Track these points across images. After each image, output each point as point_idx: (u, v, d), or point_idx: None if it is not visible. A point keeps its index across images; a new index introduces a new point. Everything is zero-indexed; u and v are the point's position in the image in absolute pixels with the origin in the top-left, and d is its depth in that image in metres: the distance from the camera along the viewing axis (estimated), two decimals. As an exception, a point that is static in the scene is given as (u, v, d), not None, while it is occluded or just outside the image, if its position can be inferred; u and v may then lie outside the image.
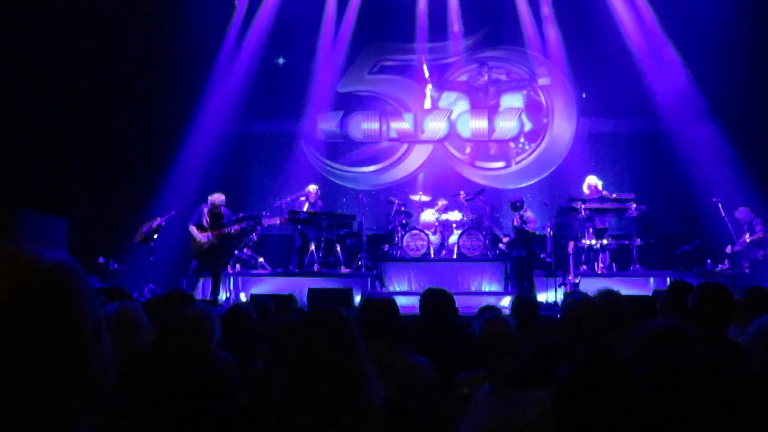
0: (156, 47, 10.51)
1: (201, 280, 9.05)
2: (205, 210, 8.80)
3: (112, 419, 1.97)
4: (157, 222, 8.86)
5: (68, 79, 10.03)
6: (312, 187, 10.19)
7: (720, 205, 8.73)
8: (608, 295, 3.37)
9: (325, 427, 1.89)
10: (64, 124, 10.10)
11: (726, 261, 9.13)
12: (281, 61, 12.15)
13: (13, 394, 0.71)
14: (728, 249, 9.15)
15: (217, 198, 8.86)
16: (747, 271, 8.77)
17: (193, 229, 8.71)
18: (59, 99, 9.94)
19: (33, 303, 0.73)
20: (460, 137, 12.20)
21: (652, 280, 9.23)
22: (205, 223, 8.75)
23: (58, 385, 0.74)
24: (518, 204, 9.39)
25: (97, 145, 10.47)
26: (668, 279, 9.05)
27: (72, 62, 10.06)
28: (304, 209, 9.90)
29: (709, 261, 9.26)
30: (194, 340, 2.30)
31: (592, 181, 9.85)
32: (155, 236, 8.83)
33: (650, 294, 7.89)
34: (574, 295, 5.09)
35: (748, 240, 8.85)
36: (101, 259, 9.43)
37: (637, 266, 9.44)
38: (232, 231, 8.87)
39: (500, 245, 9.80)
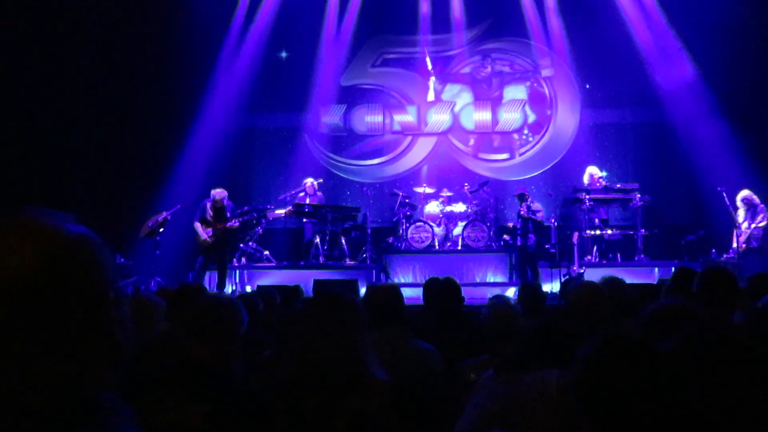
0: (160, 42, 10.54)
1: (207, 274, 9.10)
2: (208, 205, 8.85)
3: (144, 394, 2.03)
4: (162, 216, 8.90)
5: (73, 75, 10.07)
6: (309, 181, 10.21)
7: (725, 195, 8.69)
8: (612, 281, 3.40)
9: (330, 408, 1.93)
10: (69, 119, 10.15)
11: (731, 250, 9.11)
12: (284, 55, 12.15)
13: (39, 360, 0.74)
14: (737, 242, 8.97)
15: (219, 193, 8.90)
16: (736, 260, 8.72)
17: (197, 227, 8.77)
18: (64, 94, 9.98)
19: (57, 273, 0.76)
20: (464, 129, 12.20)
21: (656, 270, 9.23)
22: (208, 217, 8.80)
23: (81, 352, 0.77)
24: (525, 195, 9.42)
25: (102, 140, 10.52)
26: (673, 269, 9.05)
27: (76, 58, 10.10)
28: (307, 202, 9.95)
29: (714, 251, 9.24)
30: (228, 325, 2.35)
31: (592, 170, 9.87)
32: (161, 230, 8.88)
33: (655, 283, 7.92)
34: (574, 281, 5.12)
35: (753, 226, 8.73)
36: (107, 254, 9.47)
37: (642, 256, 9.44)
38: (235, 225, 8.92)
39: (505, 236, 9.82)
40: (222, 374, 2.25)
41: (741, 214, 8.86)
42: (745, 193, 8.92)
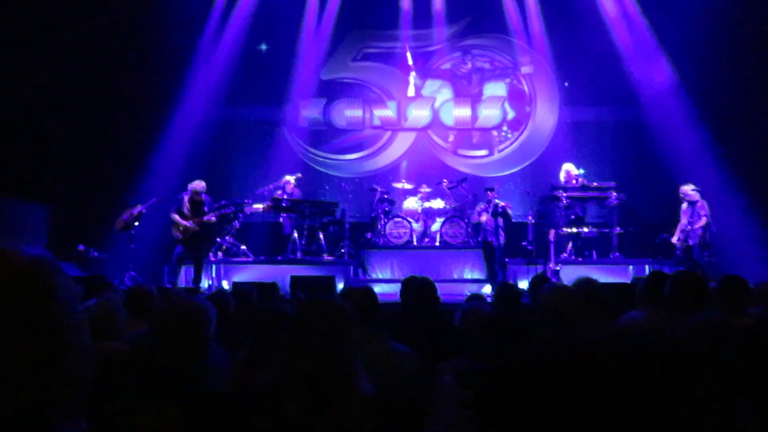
0: (137, 33, 10.39)
1: (183, 268, 9.01)
2: (186, 198, 8.75)
3: (116, 399, 2.00)
4: (138, 209, 8.78)
5: (48, 65, 9.87)
6: (288, 177, 10.15)
7: (699, 195, 8.83)
8: (585, 283, 3.42)
9: (311, 416, 1.91)
10: (44, 110, 9.95)
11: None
12: (264, 47, 12.04)
13: None
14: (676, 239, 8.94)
15: (198, 185, 8.81)
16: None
17: (175, 216, 8.67)
18: (39, 85, 9.78)
19: (10, 299, 0.74)
20: (444, 125, 12.22)
21: (631, 267, 9.36)
22: (186, 210, 8.70)
23: (35, 380, 0.75)
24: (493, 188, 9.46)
25: (77, 132, 10.36)
26: (647, 267, 9.19)
27: (52, 48, 9.90)
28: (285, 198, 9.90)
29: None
30: (193, 328, 2.33)
31: (568, 167, 9.96)
32: (136, 224, 8.76)
33: (629, 281, 8.02)
34: (546, 284, 5.15)
35: (697, 227, 8.68)
36: (81, 247, 9.34)
37: (617, 254, 9.56)
38: (213, 219, 8.83)
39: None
40: (194, 377, 2.23)
41: (682, 209, 8.91)
42: (684, 187, 8.93)
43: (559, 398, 0.94)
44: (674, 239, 8.94)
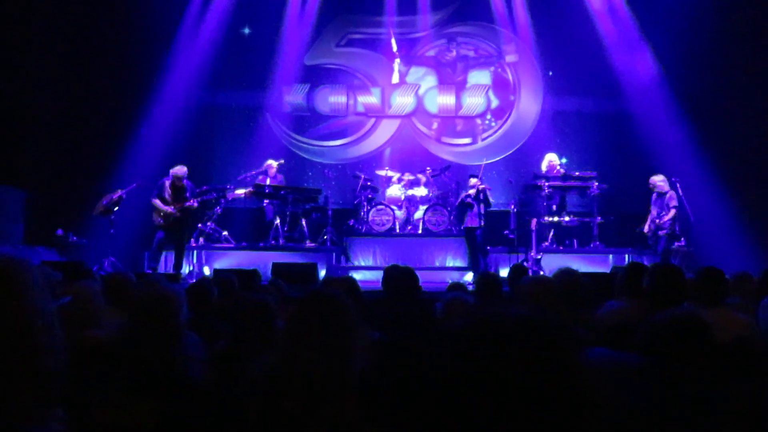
0: (118, 15, 10.20)
1: (164, 254, 8.94)
2: (167, 183, 8.65)
3: (90, 392, 1.98)
4: (118, 194, 8.66)
5: (26, 49, 9.67)
6: (271, 163, 10.08)
7: (678, 185, 8.91)
8: (565, 274, 3.45)
9: (307, 414, 1.88)
10: (21, 93, 9.76)
11: (683, 238, 9.35)
12: (247, 31, 11.91)
13: None
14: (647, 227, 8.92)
15: (179, 170, 8.71)
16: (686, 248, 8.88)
17: (157, 202, 8.57)
18: (16, 68, 9.58)
19: None
20: (428, 113, 12.20)
21: (611, 257, 9.47)
22: (167, 196, 8.60)
23: (8, 380, 0.73)
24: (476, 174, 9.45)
25: (56, 115, 10.18)
26: (627, 256, 9.30)
27: (30, 31, 9.70)
28: (267, 183, 9.84)
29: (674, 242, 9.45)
30: (164, 318, 2.31)
31: (551, 157, 10.01)
32: (116, 209, 8.65)
33: (609, 271, 8.12)
34: (521, 269, 5.19)
35: (666, 219, 8.69)
36: (60, 232, 9.21)
37: (597, 243, 9.66)
38: (195, 205, 8.75)
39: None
40: (169, 367, 2.21)
41: (652, 199, 8.98)
42: (653, 178, 8.94)
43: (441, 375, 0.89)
44: (645, 229, 9.00)
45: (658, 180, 8.87)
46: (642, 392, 1.70)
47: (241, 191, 9.77)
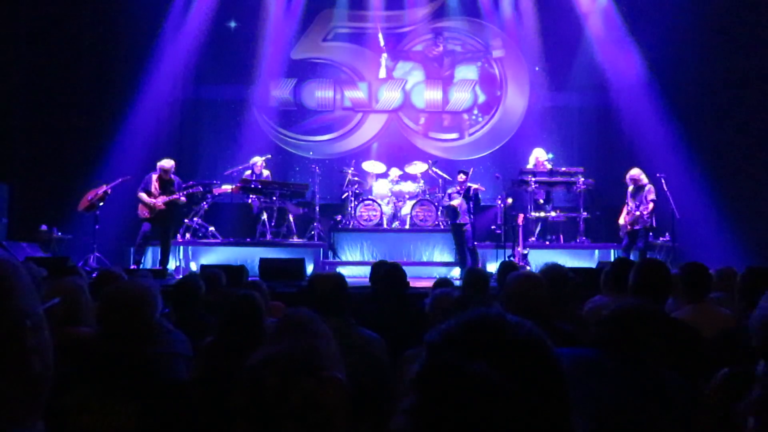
0: (103, 8, 10.08)
1: (150, 249, 8.88)
2: (154, 177, 8.58)
3: (66, 395, 1.96)
4: (103, 189, 8.59)
5: (10, 42, 9.54)
6: (257, 158, 10.03)
7: (663, 181, 8.97)
8: (552, 269, 3.47)
9: (287, 387, 2.04)
10: (5, 86, 9.63)
11: (667, 234, 9.44)
12: (233, 25, 11.82)
13: None
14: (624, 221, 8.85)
15: (166, 164, 8.63)
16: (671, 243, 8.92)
17: (142, 196, 8.48)
18: (0, 62, 9.45)
19: None
20: (415, 108, 12.20)
21: (597, 252, 9.54)
22: (153, 190, 8.53)
23: None
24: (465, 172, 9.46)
25: (40, 109, 10.03)
26: (612, 251, 9.37)
27: (15, 25, 9.56)
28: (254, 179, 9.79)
29: (651, 234, 9.55)
30: (134, 314, 2.27)
31: (538, 153, 10.05)
32: (101, 204, 8.57)
33: (595, 266, 8.17)
34: (511, 266, 5.23)
35: (646, 213, 8.72)
36: (44, 227, 9.11)
37: (584, 238, 9.72)
38: (182, 199, 8.69)
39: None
40: (148, 366, 2.18)
41: (629, 192, 8.99)
42: (632, 171, 8.93)
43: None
44: (620, 221, 8.97)
45: (638, 173, 8.89)
46: (599, 386, 1.73)
47: (227, 186, 9.72)
